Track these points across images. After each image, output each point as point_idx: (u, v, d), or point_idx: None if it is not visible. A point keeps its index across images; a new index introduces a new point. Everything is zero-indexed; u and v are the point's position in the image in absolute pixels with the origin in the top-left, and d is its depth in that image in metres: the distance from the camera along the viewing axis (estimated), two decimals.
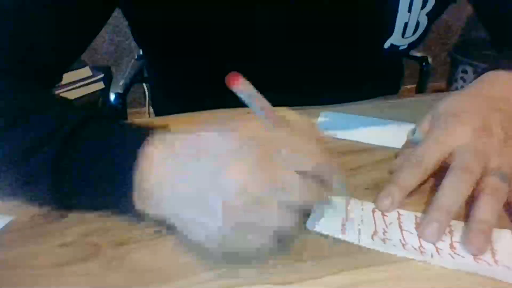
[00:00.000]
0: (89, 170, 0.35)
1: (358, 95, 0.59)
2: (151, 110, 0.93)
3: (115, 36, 1.78)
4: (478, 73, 0.48)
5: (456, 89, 1.98)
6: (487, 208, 0.36)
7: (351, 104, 0.58)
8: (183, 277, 0.32)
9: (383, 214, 0.38)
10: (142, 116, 1.63)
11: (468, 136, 0.40)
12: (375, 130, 0.51)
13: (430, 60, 1.02)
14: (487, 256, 0.34)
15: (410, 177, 0.39)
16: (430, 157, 0.40)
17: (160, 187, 0.33)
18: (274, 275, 0.32)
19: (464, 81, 1.98)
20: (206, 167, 0.31)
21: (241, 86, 0.30)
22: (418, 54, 1.02)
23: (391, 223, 0.37)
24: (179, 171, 0.33)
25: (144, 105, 1.25)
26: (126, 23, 0.60)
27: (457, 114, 0.42)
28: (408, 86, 1.33)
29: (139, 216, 0.36)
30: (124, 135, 0.37)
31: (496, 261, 0.33)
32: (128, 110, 0.93)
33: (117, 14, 0.56)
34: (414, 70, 1.03)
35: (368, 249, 0.35)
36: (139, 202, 0.35)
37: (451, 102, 0.44)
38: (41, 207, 0.39)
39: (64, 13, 0.46)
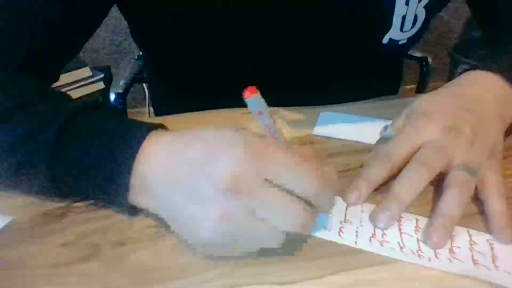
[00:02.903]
0: (85, 157, 0.36)
1: (359, 94, 0.59)
2: (151, 110, 0.93)
3: (115, 36, 1.78)
4: (458, 73, 0.48)
5: None
6: (450, 201, 0.36)
7: (351, 104, 0.58)
8: (183, 277, 0.32)
9: None
10: (142, 116, 1.63)
11: (436, 133, 0.40)
12: (375, 130, 0.51)
13: (430, 60, 1.02)
14: (487, 262, 0.33)
15: (377, 172, 0.40)
16: (398, 153, 0.40)
17: (154, 175, 0.34)
18: (274, 275, 0.32)
19: None
20: (198, 155, 0.32)
21: (256, 99, 0.31)
22: (418, 54, 1.02)
23: (391, 225, 0.37)
24: (172, 159, 0.33)
25: (144, 105, 1.25)
26: (126, 23, 0.60)
27: (428, 113, 0.42)
28: (408, 86, 1.33)
29: (131, 210, 0.36)
30: (122, 126, 0.37)
31: (496, 267, 0.33)
32: (128, 110, 0.93)
33: (117, 14, 0.56)
34: (414, 70, 1.03)
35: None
36: (133, 193, 0.35)
37: (424, 101, 0.45)
38: (36, 194, 0.39)
39: (62, 7, 0.47)
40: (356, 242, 0.35)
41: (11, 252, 0.35)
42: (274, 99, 0.57)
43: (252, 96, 0.30)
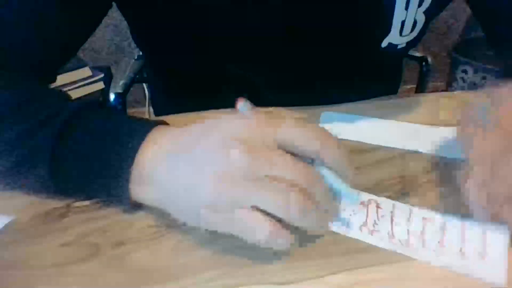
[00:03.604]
0: (87, 154, 0.36)
1: (358, 95, 0.59)
2: (151, 110, 0.93)
3: (115, 36, 1.78)
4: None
5: (456, 89, 1.98)
6: None
7: (351, 104, 0.58)
8: (183, 277, 0.32)
9: (377, 206, 0.38)
10: (142, 116, 1.64)
11: None
12: (375, 130, 0.51)
13: (430, 60, 1.02)
14: (475, 254, 0.34)
15: None
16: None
17: (156, 165, 0.34)
18: (274, 275, 0.32)
19: (464, 81, 1.97)
20: (202, 148, 0.33)
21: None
22: (418, 54, 1.02)
23: (383, 215, 0.37)
24: (175, 151, 0.34)
25: (144, 105, 1.25)
26: (126, 23, 0.60)
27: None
28: (408, 86, 1.33)
29: (133, 206, 0.37)
30: (124, 122, 0.38)
31: (483, 259, 0.33)
32: (128, 110, 0.93)
33: (117, 14, 0.56)
34: (414, 70, 1.03)
35: (369, 248, 0.35)
36: (134, 187, 0.35)
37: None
38: (36, 192, 0.39)
39: (61, 7, 0.47)
40: (346, 230, 0.36)
41: (11, 252, 0.35)
42: (274, 99, 0.57)
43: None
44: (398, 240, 0.35)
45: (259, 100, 0.57)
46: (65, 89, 1.45)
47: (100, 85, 1.55)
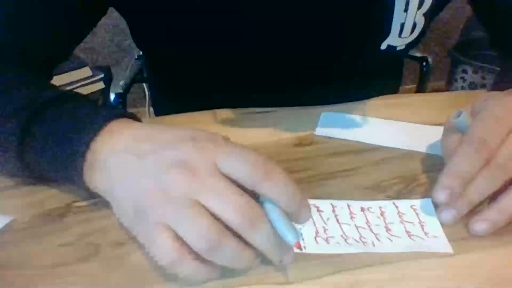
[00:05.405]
0: (52, 135, 0.37)
1: (358, 95, 0.59)
2: (151, 110, 0.93)
3: (115, 36, 1.78)
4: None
5: (456, 89, 1.98)
6: None
7: (351, 104, 0.58)
8: (183, 277, 0.32)
9: (318, 210, 0.38)
10: (142, 116, 1.64)
11: None
12: (375, 130, 0.51)
13: (430, 60, 1.02)
14: (418, 230, 0.35)
15: (473, 163, 0.36)
16: (495, 138, 0.36)
17: (109, 156, 0.35)
18: (274, 275, 0.32)
19: (464, 81, 1.98)
20: (151, 160, 0.33)
21: None
22: (418, 54, 1.02)
23: (328, 218, 0.37)
24: (129, 150, 0.34)
25: (144, 105, 1.25)
26: (126, 23, 0.60)
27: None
28: (408, 86, 1.33)
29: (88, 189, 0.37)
30: (88, 109, 0.39)
31: (426, 234, 0.35)
32: (128, 110, 0.93)
33: (117, 14, 0.56)
34: (414, 70, 1.03)
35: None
36: (88, 173, 0.36)
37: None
38: (11, 175, 0.41)
39: (59, 6, 0.47)
40: (304, 247, 0.34)
41: (11, 252, 0.35)
42: (275, 99, 0.57)
43: None
44: (352, 240, 0.35)
45: (258, 101, 0.57)
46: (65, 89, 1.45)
47: (100, 85, 1.55)
